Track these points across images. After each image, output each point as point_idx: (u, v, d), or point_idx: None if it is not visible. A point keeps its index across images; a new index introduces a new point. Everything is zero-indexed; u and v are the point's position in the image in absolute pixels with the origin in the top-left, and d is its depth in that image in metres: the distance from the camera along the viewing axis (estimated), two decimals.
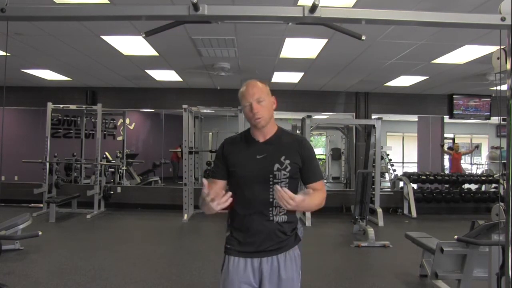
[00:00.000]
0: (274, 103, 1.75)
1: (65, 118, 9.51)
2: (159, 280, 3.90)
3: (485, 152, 11.63)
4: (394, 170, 10.62)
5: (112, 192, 7.77)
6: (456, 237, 3.27)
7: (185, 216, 7.01)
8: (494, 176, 8.51)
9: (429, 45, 4.91)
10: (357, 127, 8.61)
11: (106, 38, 4.86)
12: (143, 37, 1.64)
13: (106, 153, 9.35)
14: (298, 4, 3.64)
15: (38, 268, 4.16)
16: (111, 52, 5.49)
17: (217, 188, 1.70)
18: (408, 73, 6.68)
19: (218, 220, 6.22)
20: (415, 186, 8.26)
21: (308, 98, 8.57)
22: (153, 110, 9.53)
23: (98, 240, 5.62)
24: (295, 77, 7.17)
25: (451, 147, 9.97)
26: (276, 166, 1.67)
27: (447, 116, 8.75)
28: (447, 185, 8.41)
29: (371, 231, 5.47)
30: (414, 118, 9.82)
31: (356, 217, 5.98)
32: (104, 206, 7.72)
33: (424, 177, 8.15)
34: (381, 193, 7.25)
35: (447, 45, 4.96)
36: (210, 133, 10.74)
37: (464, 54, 5.32)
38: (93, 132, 8.96)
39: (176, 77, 7.32)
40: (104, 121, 9.26)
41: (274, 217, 1.68)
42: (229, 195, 1.51)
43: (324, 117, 9.75)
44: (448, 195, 8.01)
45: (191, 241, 5.75)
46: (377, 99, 8.63)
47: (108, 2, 3.68)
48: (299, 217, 7.18)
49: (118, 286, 3.71)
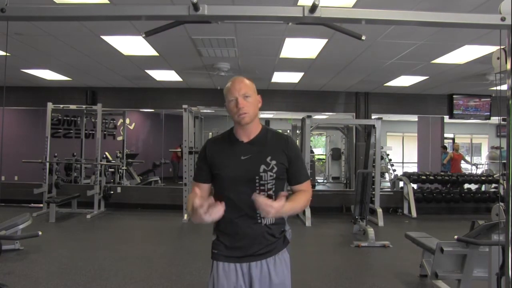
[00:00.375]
0: (259, 102, 1.68)
1: (65, 118, 9.52)
2: (159, 280, 3.90)
3: (485, 152, 11.64)
4: (394, 170, 10.63)
5: (112, 192, 7.77)
6: (456, 237, 3.27)
7: (185, 216, 7.00)
8: (494, 176, 8.51)
9: (429, 45, 4.91)
10: (357, 127, 8.61)
11: (106, 38, 4.86)
12: (143, 37, 1.63)
13: (106, 153, 9.36)
14: (298, 4, 3.64)
15: (38, 268, 4.16)
16: (111, 52, 5.49)
17: (202, 192, 1.64)
18: (408, 73, 6.68)
19: None
20: (415, 186, 8.26)
21: (308, 98, 8.57)
22: (153, 110, 9.54)
23: (98, 240, 5.62)
24: (295, 77, 7.17)
25: (444, 146, 9.97)
26: (262, 167, 1.61)
27: (447, 116, 8.75)
28: (447, 185, 8.41)
29: (371, 231, 5.47)
30: (414, 118, 9.82)
31: (356, 217, 5.98)
32: (104, 206, 7.72)
33: (424, 177, 8.15)
34: (381, 193, 7.25)
35: (447, 45, 4.96)
36: (210, 133, 10.74)
37: (464, 54, 5.32)
38: (93, 132, 8.96)
39: (176, 77, 7.32)
40: (104, 121, 9.27)
41: (262, 219, 1.62)
42: (222, 206, 1.44)
43: (324, 117, 9.75)
44: (448, 195, 8.01)
45: (191, 241, 5.75)
46: (377, 99, 8.63)
47: (108, 2, 3.68)
48: (299, 216, 7.19)
49: (118, 286, 3.71)
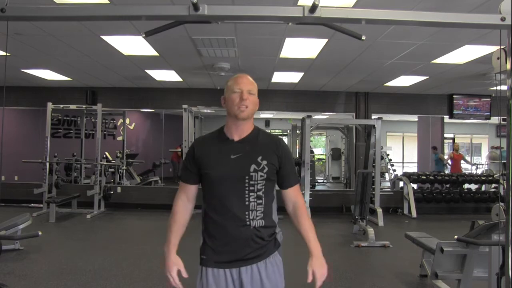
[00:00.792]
0: (257, 105, 1.66)
1: (65, 118, 9.52)
2: (159, 280, 3.89)
3: (485, 152, 11.64)
4: (394, 170, 10.63)
5: (112, 192, 7.77)
6: (456, 237, 3.28)
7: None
8: (494, 176, 8.51)
9: (429, 45, 4.91)
10: (357, 127, 8.61)
11: (106, 38, 4.86)
12: (143, 37, 1.63)
13: (106, 153, 9.35)
14: (298, 4, 3.64)
15: (38, 268, 4.16)
16: (111, 52, 5.49)
17: (189, 193, 1.68)
18: (408, 73, 6.67)
19: None
20: (415, 186, 8.26)
21: (308, 98, 8.57)
22: (153, 110, 9.53)
23: (98, 240, 5.62)
24: (295, 77, 7.17)
25: (434, 147, 9.98)
26: (253, 166, 1.56)
27: (447, 116, 8.75)
28: (447, 185, 8.41)
29: (371, 231, 5.47)
30: (414, 118, 9.82)
31: (356, 217, 5.98)
32: (104, 206, 7.72)
33: (424, 177, 8.15)
34: (381, 193, 7.22)
35: (447, 45, 4.96)
36: (210, 132, 10.72)
37: (464, 54, 5.32)
38: (93, 132, 8.96)
39: (176, 77, 7.32)
40: (104, 121, 9.27)
41: (251, 221, 1.56)
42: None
43: (324, 117, 9.75)
44: (448, 195, 8.01)
45: (191, 241, 5.73)
46: (377, 99, 8.63)
47: (108, 2, 3.68)
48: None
49: (118, 286, 3.71)
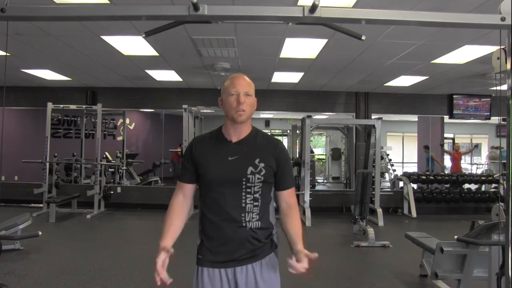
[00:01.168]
0: (255, 105, 1.64)
1: (65, 118, 9.52)
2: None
3: (485, 152, 11.63)
4: (394, 170, 10.63)
5: (112, 192, 7.77)
6: (456, 237, 3.28)
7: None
8: (494, 176, 8.51)
9: (429, 45, 4.91)
10: (357, 127, 8.61)
11: (106, 38, 4.86)
12: (143, 37, 1.63)
13: (106, 153, 9.35)
14: (298, 4, 3.64)
15: (38, 268, 4.16)
16: (111, 52, 5.49)
17: (186, 192, 1.66)
18: (408, 73, 6.67)
19: None
20: (415, 186, 8.26)
21: (308, 98, 8.57)
22: (153, 110, 9.53)
23: (98, 240, 5.62)
24: (295, 77, 7.16)
25: (426, 146, 10.00)
26: (250, 169, 1.55)
27: (447, 116, 8.75)
28: (447, 185, 8.41)
29: (371, 231, 5.47)
30: (414, 118, 9.82)
31: (356, 217, 5.98)
32: (104, 206, 7.72)
33: (424, 177, 8.16)
34: (381, 193, 7.24)
35: (447, 45, 4.96)
36: (208, 132, 10.72)
37: (464, 54, 5.32)
38: (93, 132, 8.95)
39: (176, 77, 7.32)
40: (104, 121, 9.26)
41: (247, 223, 1.56)
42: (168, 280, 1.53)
43: (324, 117, 9.75)
44: (448, 195, 8.01)
45: (191, 241, 5.73)
46: (377, 99, 8.63)
47: (108, 2, 3.68)
48: (304, 214, 7.14)
49: (118, 286, 3.71)
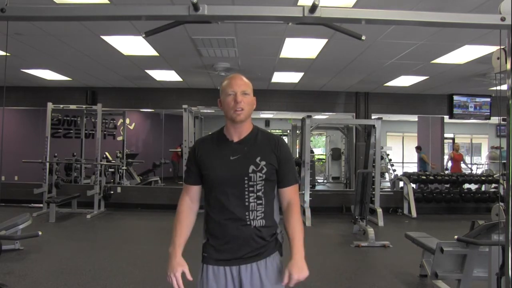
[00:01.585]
0: (254, 104, 1.66)
1: (65, 118, 9.52)
2: (159, 280, 3.89)
3: (485, 152, 11.64)
4: (394, 170, 10.63)
5: (112, 192, 7.77)
6: (456, 237, 3.27)
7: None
8: (494, 176, 8.51)
9: (429, 45, 4.91)
10: (357, 127, 8.61)
11: (106, 38, 4.86)
12: (143, 37, 1.63)
13: (106, 153, 9.35)
14: (298, 4, 3.64)
15: (38, 268, 4.16)
16: (111, 52, 5.49)
17: (192, 195, 1.70)
18: (408, 73, 6.67)
19: None
20: (415, 186, 8.26)
21: (308, 98, 8.57)
22: (153, 110, 9.53)
23: (98, 240, 5.62)
24: (295, 77, 7.16)
25: (418, 147, 9.99)
26: (251, 167, 1.57)
27: (447, 116, 8.75)
28: (447, 185, 8.41)
29: (371, 231, 5.47)
30: (414, 118, 9.82)
31: (356, 217, 5.98)
32: (104, 206, 7.72)
33: (424, 177, 8.15)
34: (381, 193, 7.24)
35: (447, 45, 4.96)
36: (210, 133, 10.72)
37: (464, 54, 5.32)
38: (93, 132, 8.95)
39: (176, 77, 7.32)
40: (104, 121, 9.26)
41: (251, 221, 1.57)
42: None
43: (324, 117, 9.75)
44: (448, 195, 8.01)
45: (191, 241, 5.73)
46: (377, 99, 8.63)
47: (108, 2, 3.68)
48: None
49: (118, 286, 3.71)
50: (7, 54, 5.55)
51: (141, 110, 9.88)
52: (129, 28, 4.38)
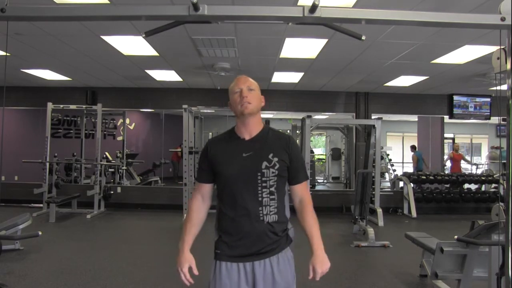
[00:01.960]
0: (262, 101, 1.72)
1: (65, 118, 9.52)
2: (159, 280, 3.90)
3: (485, 152, 11.64)
4: (394, 170, 10.63)
5: (112, 192, 7.77)
6: (456, 237, 3.27)
7: (185, 216, 6.99)
8: (494, 176, 8.51)
9: (429, 45, 4.91)
10: (357, 127, 8.60)
11: (106, 38, 4.86)
12: (143, 37, 1.64)
13: (106, 153, 9.35)
14: (298, 4, 3.64)
15: (38, 268, 4.16)
16: (111, 52, 5.49)
17: (204, 193, 1.74)
18: (408, 73, 6.68)
19: None
20: (414, 186, 8.26)
21: (308, 98, 8.57)
22: (153, 110, 9.53)
23: (98, 240, 5.62)
24: (295, 77, 7.17)
25: (414, 146, 10.01)
26: (264, 163, 1.61)
27: (447, 116, 8.75)
28: (447, 185, 8.41)
29: (371, 231, 5.47)
30: (414, 118, 9.82)
31: (356, 217, 5.98)
32: (104, 206, 7.72)
33: (424, 177, 8.15)
34: (381, 193, 7.23)
35: (447, 45, 4.96)
36: (210, 133, 10.75)
37: (464, 54, 5.32)
38: (93, 132, 8.96)
39: (176, 77, 7.32)
40: (104, 121, 9.26)
41: (265, 217, 1.61)
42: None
43: (324, 117, 9.75)
44: (448, 195, 8.01)
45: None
46: (377, 99, 8.63)
47: (108, 2, 3.68)
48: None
49: (118, 286, 3.71)
50: (7, 54, 5.55)
51: (141, 110, 9.88)
52: (129, 28, 4.38)
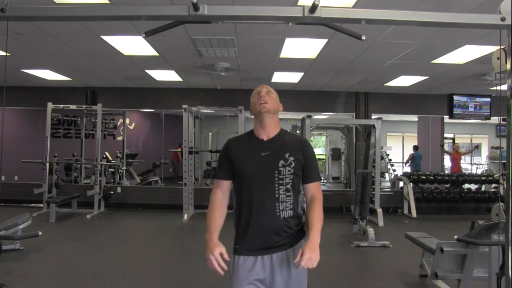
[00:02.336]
0: (280, 106, 1.85)
1: (65, 118, 9.51)
2: (159, 280, 3.90)
3: (485, 152, 11.64)
4: (394, 170, 10.63)
5: (112, 192, 7.77)
6: (456, 237, 3.28)
7: (185, 216, 7.01)
8: (494, 176, 8.51)
9: (429, 45, 4.91)
10: (357, 127, 8.61)
11: (106, 38, 4.86)
12: (143, 37, 1.64)
13: (106, 153, 9.35)
14: (298, 4, 3.64)
15: (38, 268, 4.16)
16: (111, 52, 5.49)
17: (224, 189, 1.83)
18: (408, 73, 6.68)
19: None
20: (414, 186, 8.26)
21: (308, 98, 8.57)
22: (153, 110, 9.53)
23: (98, 240, 5.62)
24: (295, 77, 7.17)
25: (416, 146, 10.05)
26: (281, 162, 1.72)
27: (447, 116, 8.75)
28: (447, 185, 8.41)
29: (371, 231, 5.47)
30: (414, 118, 9.82)
31: (356, 217, 5.98)
32: (104, 206, 7.72)
33: (424, 177, 8.15)
34: (381, 193, 7.24)
35: (447, 45, 4.96)
36: (210, 133, 10.74)
37: (464, 54, 5.32)
38: (93, 132, 8.96)
39: (176, 77, 7.32)
40: (104, 121, 9.26)
41: (281, 212, 1.71)
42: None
43: (324, 117, 9.75)
44: (448, 195, 8.01)
45: (191, 241, 5.75)
46: (377, 99, 8.63)
47: (108, 2, 3.68)
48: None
49: (118, 286, 3.71)
50: (7, 54, 5.56)
51: (141, 110, 9.88)
52: (129, 28, 4.38)
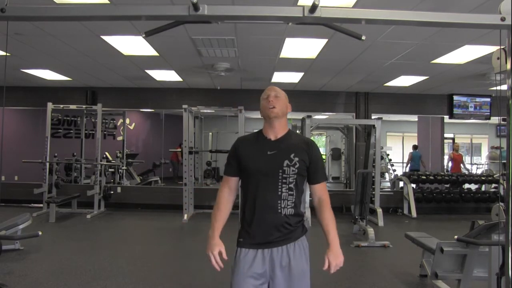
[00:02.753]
0: (288, 107, 1.91)
1: (65, 118, 9.51)
2: (159, 280, 3.90)
3: (485, 152, 11.64)
4: (394, 170, 10.63)
5: (112, 192, 7.77)
6: (456, 237, 3.28)
7: (185, 216, 7.00)
8: (494, 176, 8.51)
9: (429, 45, 4.91)
10: (357, 127, 8.60)
11: (106, 38, 4.86)
12: (143, 37, 1.64)
13: (106, 153, 9.35)
14: (298, 4, 3.64)
15: (38, 268, 4.16)
16: (111, 52, 5.49)
17: (231, 185, 1.92)
18: (408, 73, 6.68)
19: None
20: (414, 186, 8.26)
21: (308, 98, 8.56)
22: (153, 110, 9.53)
23: (98, 240, 5.62)
24: (295, 77, 7.16)
25: (415, 146, 10.01)
26: (286, 162, 1.79)
27: (447, 116, 8.75)
28: (447, 185, 8.41)
29: (371, 231, 5.47)
30: (414, 118, 9.81)
31: (356, 217, 5.98)
32: (104, 206, 7.72)
33: (424, 177, 8.15)
34: (381, 193, 7.24)
35: (447, 45, 4.96)
36: (210, 133, 10.74)
37: (464, 54, 5.32)
38: (93, 132, 8.96)
39: (176, 77, 7.32)
40: (104, 121, 9.26)
41: (282, 209, 1.78)
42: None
43: (324, 117, 9.75)
44: (448, 195, 8.01)
45: (191, 241, 5.75)
46: (377, 99, 8.63)
47: (108, 2, 3.68)
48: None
49: (118, 286, 3.70)
50: (7, 54, 5.55)
51: (141, 110, 9.87)
52: (129, 28, 4.38)
